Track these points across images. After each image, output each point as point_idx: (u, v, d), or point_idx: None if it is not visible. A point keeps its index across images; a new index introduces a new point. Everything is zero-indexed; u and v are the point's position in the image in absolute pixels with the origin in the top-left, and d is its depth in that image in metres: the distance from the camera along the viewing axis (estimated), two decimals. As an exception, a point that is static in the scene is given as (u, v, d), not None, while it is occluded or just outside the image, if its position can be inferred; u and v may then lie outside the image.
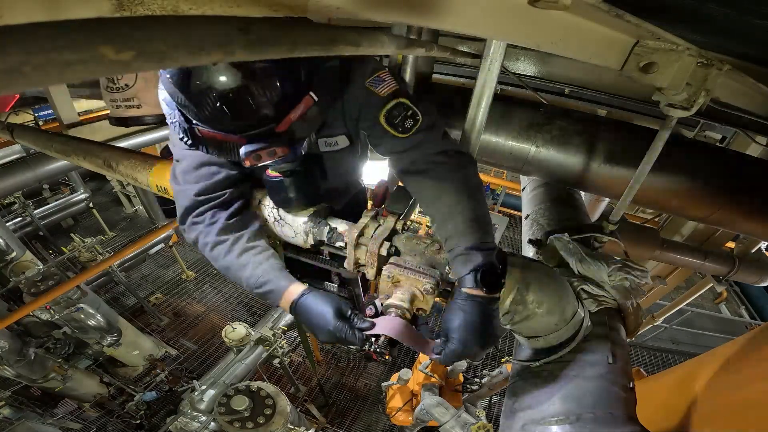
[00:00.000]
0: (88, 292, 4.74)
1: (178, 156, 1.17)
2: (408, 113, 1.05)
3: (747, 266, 2.53)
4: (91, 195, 8.08)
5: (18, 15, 0.30)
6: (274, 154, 0.92)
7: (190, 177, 1.15)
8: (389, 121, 1.05)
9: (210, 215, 1.15)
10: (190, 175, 1.15)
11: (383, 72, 1.08)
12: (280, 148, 0.92)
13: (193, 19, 0.36)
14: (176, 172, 1.19)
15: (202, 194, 1.14)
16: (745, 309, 8.43)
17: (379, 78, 1.06)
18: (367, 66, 1.07)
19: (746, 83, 0.95)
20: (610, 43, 0.82)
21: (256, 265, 1.11)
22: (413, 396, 3.14)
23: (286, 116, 0.93)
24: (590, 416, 0.90)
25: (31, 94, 3.29)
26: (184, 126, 0.96)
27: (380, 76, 1.07)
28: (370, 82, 1.06)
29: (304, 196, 1.17)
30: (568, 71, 2.13)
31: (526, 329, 1.02)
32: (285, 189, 1.14)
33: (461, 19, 0.60)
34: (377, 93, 1.06)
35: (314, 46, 0.48)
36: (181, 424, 3.92)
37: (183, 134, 0.97)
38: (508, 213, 9.05)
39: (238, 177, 1.19)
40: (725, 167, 1.58)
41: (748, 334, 1.35)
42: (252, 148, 0.91)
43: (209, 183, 1.13)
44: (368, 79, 1.06)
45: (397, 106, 1.05)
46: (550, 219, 1.71)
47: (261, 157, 0.92)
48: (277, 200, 1.21)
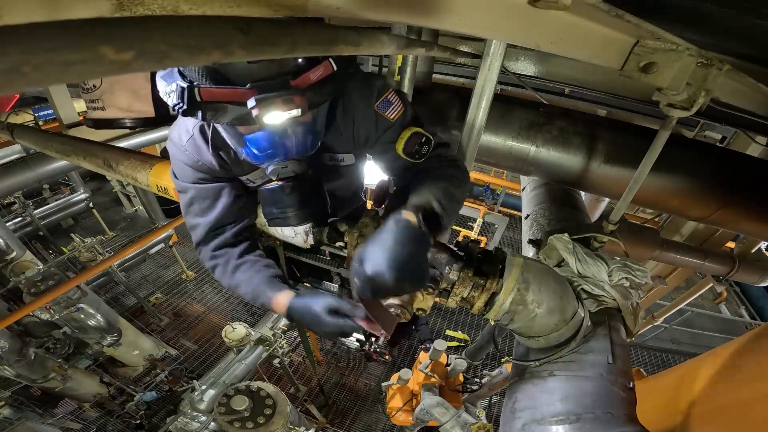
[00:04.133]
0: (88, 292, 4.74)
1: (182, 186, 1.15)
2: (422, 140, 1.07)
3: (747, 266, 2.53)
4: (91, 195, 8.08)
5: (18, 15, 0.30)
6: (290, 101, 0.80)
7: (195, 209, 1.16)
8: (407, 152, 1.07)
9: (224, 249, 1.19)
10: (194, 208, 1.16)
11: (389, 93, 1.06)
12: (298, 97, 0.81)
13: (193, 19, 0.36)
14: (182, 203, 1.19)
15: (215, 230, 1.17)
16: (745, 309, 8.43)
17: (386, 101, 1.06)
18: (372, 87, 1.05)
19: (746, 83, 0.95)
20: (610, 43, 0.82)
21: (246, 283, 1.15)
22: (413, 396, 3.14)
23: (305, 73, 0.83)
24: (590, 416, 0.90)
25: (31, 94, 3.30)
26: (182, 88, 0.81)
27: (387, 99, 1.06)
28: (378, 105, 1.05)
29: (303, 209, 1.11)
30: (568, 71, 2.13)
31: (526, 329, 1.02)
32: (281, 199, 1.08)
33: (461, 19, 0.60)
34: (387, 117, 1.06)
35: (314, 46, 0.48)
36: (181, 424, 3.92)
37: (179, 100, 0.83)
38: (508, 213, 9.04)
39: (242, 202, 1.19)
40: (725, 167, 1.58)
41: (748, 334, 1.35)
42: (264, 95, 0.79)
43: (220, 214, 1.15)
44: (376, 102, 1.05)
45: (413, 136, 1.06)
46: (550, 219, 1.71)
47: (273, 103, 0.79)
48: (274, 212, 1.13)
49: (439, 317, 7.20)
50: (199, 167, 1.09)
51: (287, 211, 1.09)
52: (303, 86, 0.83)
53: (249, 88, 0.79)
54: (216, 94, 0.81)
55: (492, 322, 1.31)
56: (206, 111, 0.82)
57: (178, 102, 0.83)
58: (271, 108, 0.79)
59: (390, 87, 1.09)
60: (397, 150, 1.08)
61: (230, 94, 0.80)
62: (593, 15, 0.71)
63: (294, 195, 1.07)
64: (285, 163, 0.99)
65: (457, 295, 0.96)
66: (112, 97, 1.99)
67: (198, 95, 0.80)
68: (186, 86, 0.80)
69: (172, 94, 0.84)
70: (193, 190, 1.13)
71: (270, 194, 1.09)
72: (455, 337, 6.72)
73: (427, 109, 1.88)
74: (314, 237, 1.21)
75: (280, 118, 0.81)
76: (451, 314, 7.26)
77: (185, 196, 1.15)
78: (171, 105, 0.85)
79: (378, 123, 1.07)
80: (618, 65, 0.86)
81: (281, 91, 0.80)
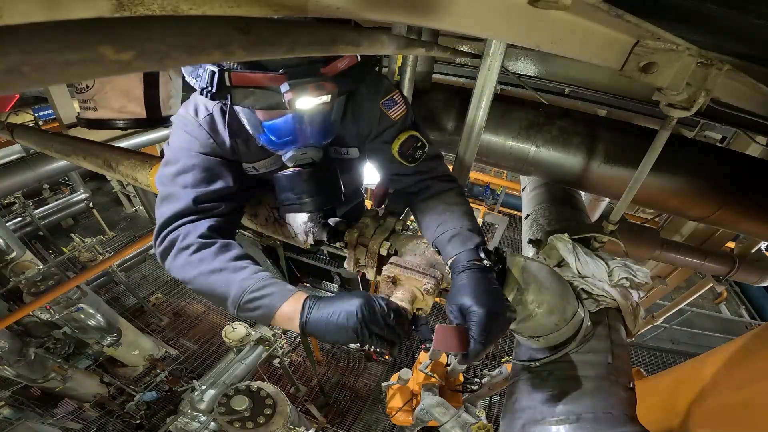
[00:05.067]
0: (88, 292, 4.75)
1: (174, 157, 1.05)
2: (417, 144, 1.13)
3: (747, 266, 2.53)
4: (91, 195, 8.08)
5: (18, 15, 0.30)
6: (322, 87, 0.84)
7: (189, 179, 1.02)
8: (401, 153, 1.13)
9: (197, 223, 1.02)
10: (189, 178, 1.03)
11: (395, 93, 1.12)
12: (329, 84, 0.85)
13: (193, 19, 0.36)
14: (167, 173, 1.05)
15: (201, 202, 1.02)
16: (745, 309, 8.44)
17: (392, 100, 1.11)
18: (381, 84, 1.12)
19: (746, 83, 0.95)
20: (610, 43, 0.82)
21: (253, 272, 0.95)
22: (413, 396, 3.14)
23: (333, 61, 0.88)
24: (590, 416, 0.90)
25: (31, 94, 3.29)
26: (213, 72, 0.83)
27: (393, 98, 1.11)
28: (383, 103, 1.10)
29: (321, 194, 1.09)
30: (568, 71, 2.13)
31: (527, 329, 1.02)
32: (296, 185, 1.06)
33: (461, 19, 0.60)
34: (389, 115, 1.11)
35: (314, 46, 0.48)
36: (181, 424, 3.92)
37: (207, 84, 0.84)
38: (508, 213, 9.05)
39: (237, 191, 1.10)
40: (725, 167, 1.58)
41: (748, 334, 1.35)
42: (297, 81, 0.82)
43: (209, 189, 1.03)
44: (382, 99, 1.10)
45: (409, 139, 1.12)
46: (550, 219, 1.71)
47: (306, 88, 0.82)
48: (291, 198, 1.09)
49: (439, 317, 7.20)
50: (208, 144, 1.04)
51: (303, 197, 1.08)
52: (331, 74, 0.86)
53: (281, 73, 0.82)
54: (248, 79, 0.83)
55: (492, 322, 1.30)
56: (235, 95, 0.85)
57: (206, 86, 0.85)
58: (304, 93, 0.82)
59: (397, 89, 1.14)
60: (392, 150, 1.13)
61: (262, 79, 0.83)
62: (593, 15, 0.70)
63: (311, 181, 1.07)
64: (304, 150, 1.00)
65: (457, 295, 0.96)
66: (104, 97, 1.97)
67: (228, 80, 0.83)
68: (217, 70, 0.82)
69: (200, 78, 0.86)
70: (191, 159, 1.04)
71: (287, 180, 1.07)
72: (455, 337, 6.71)
73: (427, 108, 1.88)
74: (314, 237, 1.21)
75: (311, 103, 0.85)
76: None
77: (175, 165, 1.04)
78: (199, 88, 0.87)
79: (381, 120, 1.12)
80: (618, 65, 0.86)
81: (313, 77, 0.83)
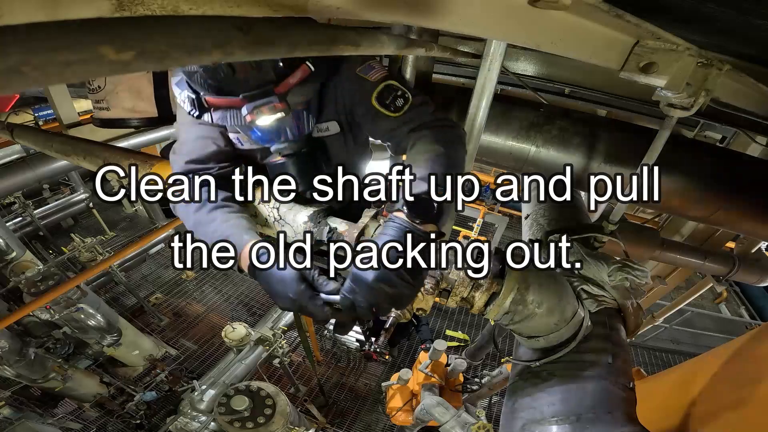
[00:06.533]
0: (88, 292, 4.74)
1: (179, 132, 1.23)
2: (398, 93, 1.12)
3: (747, 266, 2.53)
4: (91, 195, 8.07)
5: (18, 15, 0.30)
6: (273, 109, 0.98)
7: (185, 148, 1.20)
8: (381, 102, 1.12)
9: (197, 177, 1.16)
10: (185, 146, 1.20)
11: (373, 60, 1.16)
12: (279, 104, 0.98)
13: (193, 19, 0.36)
14: (174, 146, 1.25)
15: (192, 162, 1.17)
16: (745, 309, 8.43)
17: (369, 66, 1.14)
18: (356, 59, 1.15)
19: (746, 83, 0.95)
20: (610, 43, 0.82)
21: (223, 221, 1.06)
22: (413, 396, 3.15)
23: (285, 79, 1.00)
24: (590, 416, 0.90)
25: (31, 94, 3.29)
26: (192, 98, 1.03)
27: (370, 64, 1.15)
28: (360, 69, 1.14)
29: (305, 180, 1.22)
30: (568, 71, 2.13)
31: (527, 329, 1.02)
32: (287, 171, 1.21)
33: (461, 19, 0.60)
34: (368, 79, 1.13)
35: (314, 46, 0.48)
36: (181, 424, 3.92)
37: (191, 107, 1.04)
38: (508, 213, 9.04)
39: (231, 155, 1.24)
40: (725, 167, 1.58)
41: (748, 334, 1.36)
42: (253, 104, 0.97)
43: (202, 153, 1.18)
44: (359, 67, 1.14)
45: (387, 87, 1.12)
46: (550, 219, 1.71)
47: (261, 111, 0.97)
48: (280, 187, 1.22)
49: (439, 317, 7.20)
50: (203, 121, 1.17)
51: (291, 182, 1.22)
52: (284, 91, 0.99)
53: (241, 98, 0.98)
54: (217, 103, 1.01)
55: (492, 322, 1.31)
56: (213, 114, 1.03)
57: (191, 108, 1.05)
58: (260, 114, 0.98)
59: (375, 57, 1.17)
60: (371, 101, 1.12)
61: (228, 103, 1.00)
62: (593, 15, 0.71)
63: (294, 168, 1.22)
64: (284, 143, 1.16)
65: (457, 295, 0.96)
66: (116, 97, 2.04)
67: (205, 102, 1.02)
68: (194, 96, 1.02)
69: (186, 102, 1.05)
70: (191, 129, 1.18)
71: (276, 168, 1.24)
72: (455, 337, 6.73)
73: (427, 109, 1.88)
74: (314, 237, 1.21)
75: (268, 120, 1.01)
76: (451, 314, 7.26)
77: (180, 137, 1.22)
78: (186, 110, 1.06)
79: (361, 86, 1.14)
80: (618, 65, 0.86)
81: (266, 98, 0.97)
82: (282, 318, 5.24)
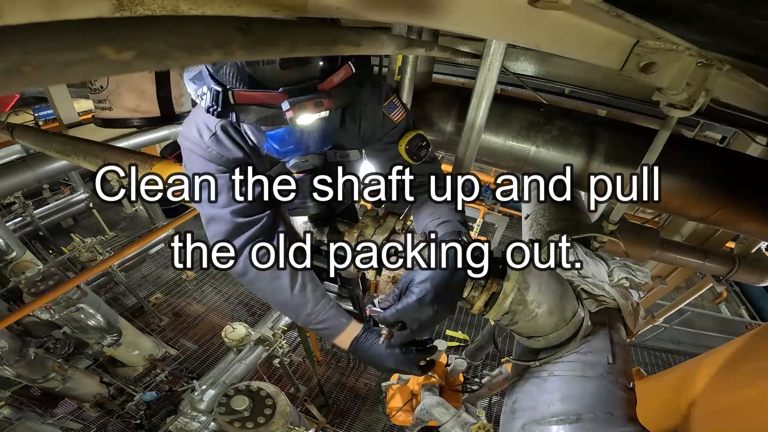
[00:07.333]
0: (88, 292, 4.74)
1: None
2: (423, 143, 1.20)
3: (747, 266, 2.52)
4: (91, 195, 8.07)
5: (18, 15, 0.30)
6: (320, 104, 0.89)
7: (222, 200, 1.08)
8: (408, 152, 1.20)
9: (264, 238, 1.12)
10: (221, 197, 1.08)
11: (393, 97, 1.18)
12: (327, 100, 0.90)
13: (193, 19, 0.36)
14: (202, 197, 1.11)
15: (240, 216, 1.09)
16: (745, 309, 8.43)
17: (392, 104, 1.17)
18: (381, 88, 1.17)
19: (746, 83, 0.95)
20: (610, 43, 0.82)
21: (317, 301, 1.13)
22: (413, 396, 3.15)
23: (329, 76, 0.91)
24: (590, 416, 0.90)
25: (31, 94, 3.29)
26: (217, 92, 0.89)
27: (393, 102, 1.17)
28: (386, 107, 1.16)
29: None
30: (568, 71, 2.13)
31: (527, 329, 1.02)
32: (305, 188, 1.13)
33: (461, 19, 0.60)
34: (391, 118, 1.17)
35: (314, 46, 0.48)
36: (181, 424, 3.92)
37: (212, 103, 0.90)
38: (508, 213, 9.04)
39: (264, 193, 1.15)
40: (725, 167, 1.58)
41: (748, 334, 1.36)
42: (297, 99, 0.87)
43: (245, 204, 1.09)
44: (384, 104, 1.15)
45: (416, 137, 1.20)
46: (550, 219, 1.71)
47: (305, 106, 0.87)
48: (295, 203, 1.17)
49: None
50: (224, 162, 1.08)
51: (307, 201, 1.15)
52: (328, 89, 0.91)
53: (281, 92, 0.86)
54: (251, 98, 0.88)
55: (492, 322, 1.31)
56: (239, 112, 0.89)
57: (212, 104, 0.90)
58: (304, 111, 0.87)
59: (394, 93, 1.20)
60: (399, 148, 1.19)
61: (264, 97, 0.87)
62: (593, 15, 0.71)
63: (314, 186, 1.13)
64: (306, 158, 1.04)
65: (457, 295, 0.96)
66: (118, 97, 2.05)
67: (232, 98, 0.88)
68: (221, 90, 0.87)
69: (205, 97, 0.90)
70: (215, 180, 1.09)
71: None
72: (455, 337, 6.72)
73: (426, 109, 1.88)
74: (314, 237, 1.21)
75: (311, 119, 0.90)
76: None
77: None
78: (205, 106, 0.92)
79: (384, 123, 1.18)
80: (618, 65, 0.86)
81: (311, 94, 0.88)
82: (282, 318, 5.24)
